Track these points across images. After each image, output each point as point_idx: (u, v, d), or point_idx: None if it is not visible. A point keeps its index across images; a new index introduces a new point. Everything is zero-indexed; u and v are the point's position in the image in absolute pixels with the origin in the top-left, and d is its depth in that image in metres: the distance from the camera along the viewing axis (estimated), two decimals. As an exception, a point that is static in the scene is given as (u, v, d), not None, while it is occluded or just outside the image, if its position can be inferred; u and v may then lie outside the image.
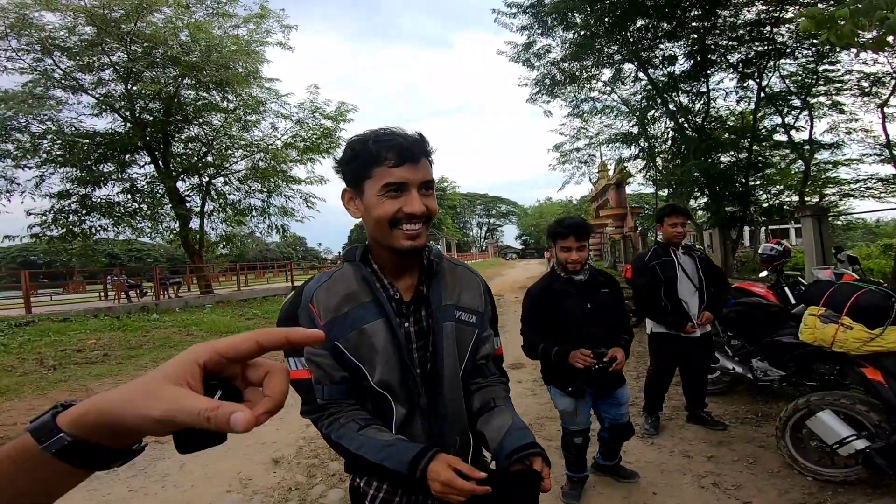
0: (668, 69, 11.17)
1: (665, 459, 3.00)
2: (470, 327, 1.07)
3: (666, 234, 3.30)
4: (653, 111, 12.02)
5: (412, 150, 0.96)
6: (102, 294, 15.11)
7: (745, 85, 10.96)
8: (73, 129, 13.53)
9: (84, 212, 13.96)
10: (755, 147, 10.78)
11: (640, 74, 11.57)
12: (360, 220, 1.04)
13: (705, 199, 11.82)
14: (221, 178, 16.13)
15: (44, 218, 13.47)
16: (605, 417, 2.55)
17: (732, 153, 11.20)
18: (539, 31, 11.11)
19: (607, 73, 12.22)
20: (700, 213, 13.32)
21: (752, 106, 10.85)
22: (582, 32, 10.29)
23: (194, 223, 15.70)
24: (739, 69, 10.54)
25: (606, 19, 9.75)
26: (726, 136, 11.24)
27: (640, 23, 10.20)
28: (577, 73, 11.97)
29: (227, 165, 15.80)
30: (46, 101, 12.78)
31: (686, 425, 3.49)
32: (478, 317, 1.09)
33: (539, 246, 53.30)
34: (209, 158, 15.57)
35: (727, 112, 12.21)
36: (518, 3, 10.86)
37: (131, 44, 12.48)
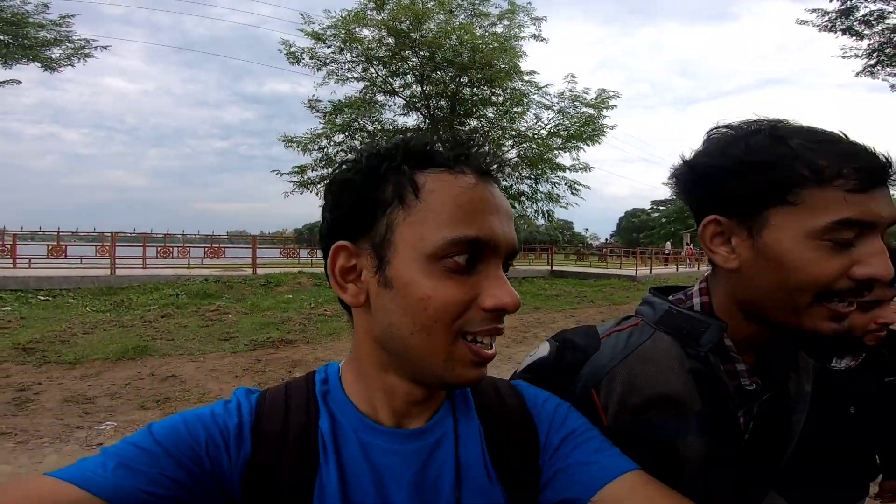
0: None
1: None
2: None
3: None
4: None
5: (884, 168, 0.56)
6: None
7: None
8: (392, 126, 17.48)
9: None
10: None
11: None
12: (734, 267, 0.62)
13: None
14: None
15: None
16: None
17: None
18: None
19: None
20: None
21: None
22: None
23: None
24: None
25: None
26: None
27: None
28: None
29: (500, 154, 17.71)
30: (374, 104, 16.84)
31: None
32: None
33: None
34: (486, 148, 17.85)
35: None
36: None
37: (419, 50, 15.21)
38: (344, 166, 0.53)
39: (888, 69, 9.39)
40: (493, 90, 16.24)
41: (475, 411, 0.59)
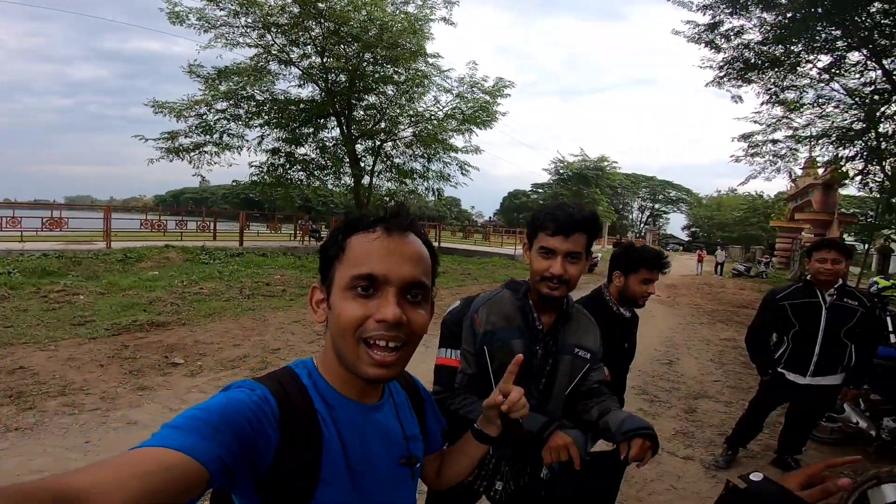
0: None
1: (714, 494, 2.77)
2: (582, 362, 1.40)
3: (812, 269, 2.82)
4: (885, 107, 9.48)
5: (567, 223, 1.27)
6: (293, 234, 18.62)
7: None
8: (285, 97, 16.44)
9: (288, 165, 17.13)
10: None
11: (872, 64, 9.15)
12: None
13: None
14: (390, 143, 18.26)
15: (261, 168, 16.91)
16: None
17: None
18: (728, 11, 9.51)
19: (825, 59, 9.93)
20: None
21: None
22: (789, 14, 8.49)
23: (365, 181, 18.08)
24: None
25: (825, 1, 7.87)
26: None
27: (877, 6, 7.98)
28: (780, 58, 9.99)
29: (396, 132, 17.79)
30: (266, 73, 15.63)
31: (767, 467, 3.20)
32: (592, 354, 1.42)
33: (710, 242, 46.69)
34: (382, 125, 17.65)
35: None
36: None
37: (324, 21, 14.45)
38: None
39: (732, 82, 11.15)
40: (396, 69, 16.05)
41: (399, 387, 0.90)
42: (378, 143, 17.97)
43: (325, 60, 15.49)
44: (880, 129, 9.90)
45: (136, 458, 0.49)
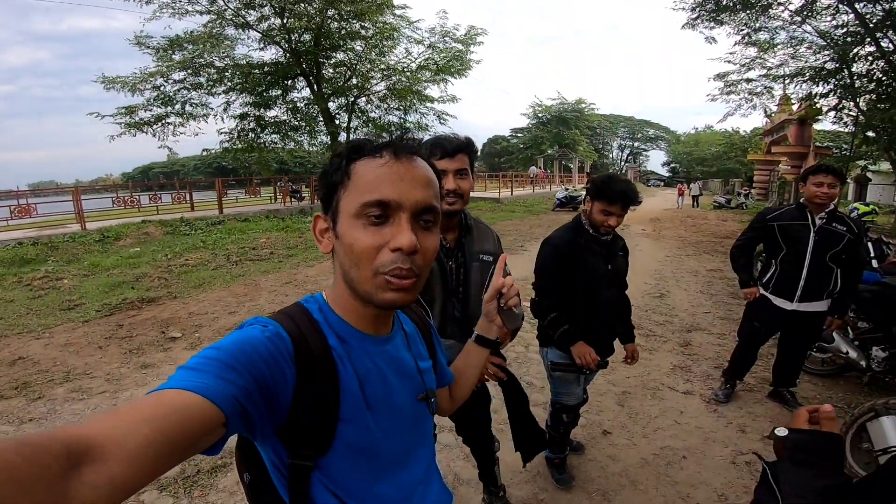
0: (886, 5, 8.49)
1: (717, 429, 2.98)
2: (488, 265, 1.59)
3: (808, 193, 2.80)
4: (858, 48, 9.46)
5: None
6: (273, 198, 18.22)
7: None
8: (247, 61, 15.61)
9: (259, 129, 16.65)
10: None
11: (843, 7, 9.02)
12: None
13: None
14: (364, 99, 17.72)
15: (230, 135, 16.36)
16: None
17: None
18: None
19: (796, 2, 9.75)
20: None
21: None
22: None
23: (342, 138, 17.62)
24: None
25: None
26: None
27: None
28: (751, 0, 9.78)
29: (369, 87, 17.26)
30: (223, 39, 14.77)
31: (764, 401, 3.31)
32: (494, 257, 1.59)
33: (689, 176, 47.16)
34: (353, 81, 17.01)
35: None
36: None
37: None
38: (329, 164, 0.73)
39: (705, 23, 10.93)
40: (363, 24, 15.37)
41: (408, 318, 0.89)
42: (351, 99, 17.43)
43: (285, 21, 14.63)
44: (853, 69, 9.93)
45: (149, 402, 0.46)
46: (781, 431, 0.77)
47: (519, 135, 48.29)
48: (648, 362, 3.96)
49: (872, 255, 4.20)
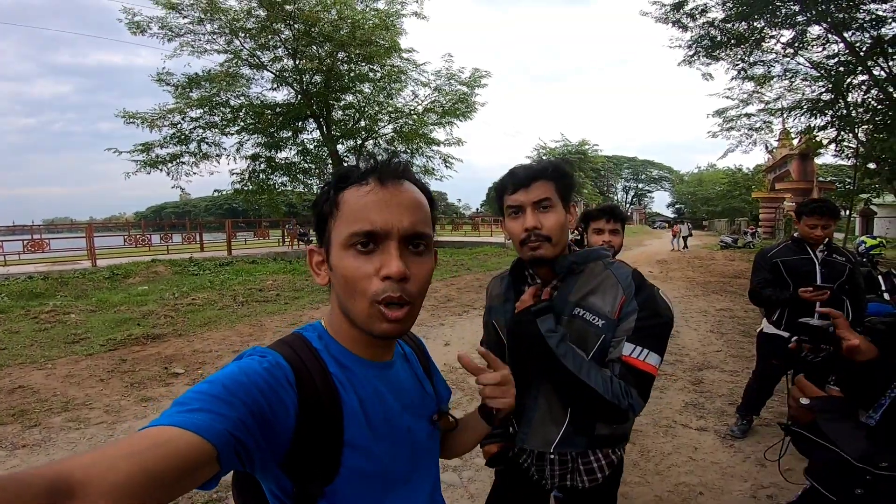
0: (873, 32, 8.78)
1: (734, 464, 2.87)
2: (591, 327, 1.12)
3: (802, 232, 2.87)
4: (850, 78, 9.68)
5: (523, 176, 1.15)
6: (280, 240, 18.47)
7: None
8: (260, 101, 16.21)
9: (270, 171, 16.96)
10: None
11: (833, 37, 9.33)
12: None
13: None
14: (372, 141, 18.11)
15: (242, 176, 16.66)
16: None
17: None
18: None
19: (787, 35, 10.10)
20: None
21: None
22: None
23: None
24: None
25: None
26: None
27: None
28: (744, 35, 10.12)
29: (377, 129, 17.70)
30: (239, 78, 15.40)
31: (780, 434, 3.19)
32: (605, 322, 1.12)
33: (695, 217, 47.30)
34: (362, 124, 17.53)
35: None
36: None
37: (294, 23, 14.27)
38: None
39: (702, 60, 11.26)
40: (372, 66, 15.95)
41: (406, 344, 0.88)
42: (360, 141, 17.83)
43: (297, 62, 15.32)
44: (849, 99, 10.12)
45: (134, 439, 0.46)
46: (805, 401, 1.01)
47: (522, 176, 48.78)
48: (659, 400, 3.85)
49: (884, 288, 4.16)
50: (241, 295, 8.77)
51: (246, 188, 16.87)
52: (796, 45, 10.19)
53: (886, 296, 4.04)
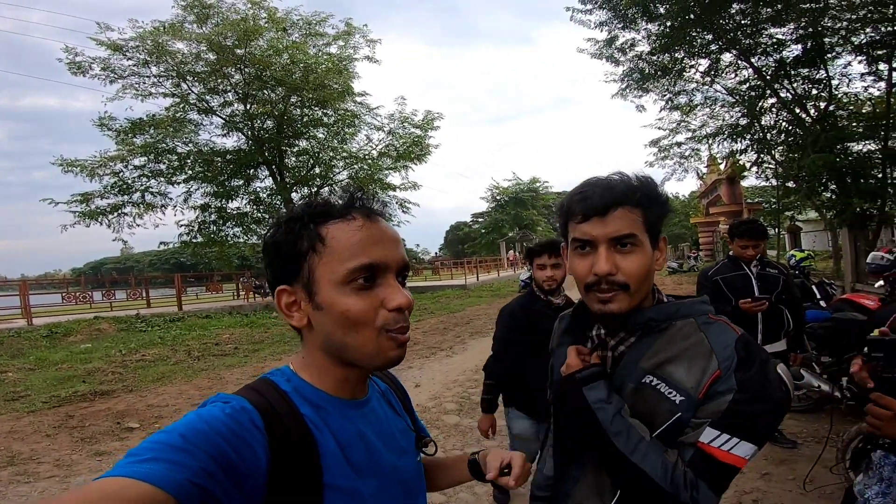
0: (776, 56, 10.01)
1: None
2: (664, 402, 0.84)
3: (736, 251, 3.17)
4: (762, 101, 10.86)
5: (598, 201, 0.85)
6: (235, 294, 17.73)
7: (875, 70, 9.45)
8: (209, 148, 15.64)
9: (221, 222, 16.12)
10: (894, 134, 9.26)
11: (742, 63, 10.54)
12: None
13: (829, 195, 10.41)
14: (327, 189, 17.81)
15: (190, 227, 15.77)
16: None
17: (865, 142, 9.72)
18: (620, 26, 10.58)
19: (704, 64, 11.27)
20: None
21: (884, 91, 9.33)
22: (668, 24, 9.66)
23: (306, 230, 17.69)
24: (866, 52, 9.12)
25: (694, 6, 9.06)
26: (854, 124, 9.81)
27: (735, 7, 9.30)
28: (668, 66, 11.19)
29: (332, 176, 17.36)
30: (186, 124, 14.87)
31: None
32: (685, 399, 0.83)
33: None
34: (316, 170, 17.25)
35: (859, 97, 10.57)
36: (592, -2, 10.27)
37: (245, 67, 14.18)
38: (270, 231, 0.71)
39: (634, 92, 12.07)
40: (325, 111, 15.92)
41: (379, 379, 0.87)
42: (314, 189, 17.37)
43: (248, 107, 15.04)
44: (763, 122, 11.29)
45: (81, 491, 0.44)
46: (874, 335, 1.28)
47: (480, 220, 49.70)
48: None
49: (819, 296, 4.58)
50: (195, 350, 8.39)
51: (195, 240, 15.95)
52: (712, 73, 11.18)
53: (822, 303, 4.46)
